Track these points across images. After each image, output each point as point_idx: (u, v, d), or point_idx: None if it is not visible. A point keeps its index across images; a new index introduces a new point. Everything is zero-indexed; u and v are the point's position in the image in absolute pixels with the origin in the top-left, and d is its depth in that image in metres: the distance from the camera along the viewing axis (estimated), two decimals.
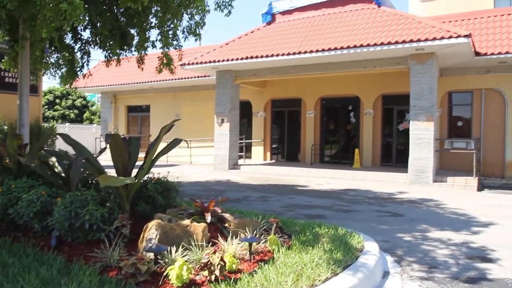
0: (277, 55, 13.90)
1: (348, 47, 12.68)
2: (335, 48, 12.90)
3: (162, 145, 4.85)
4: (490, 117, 14.57)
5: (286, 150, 19.16)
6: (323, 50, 13.11)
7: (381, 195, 10.38)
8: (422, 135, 12.54)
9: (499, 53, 12.96)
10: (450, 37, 11.39)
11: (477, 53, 13.26)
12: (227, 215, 4.73)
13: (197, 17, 7.91)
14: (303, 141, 18.25)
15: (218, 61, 15.18)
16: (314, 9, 16.17)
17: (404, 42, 11.92)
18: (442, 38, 11.48)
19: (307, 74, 15.15)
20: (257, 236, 4.29)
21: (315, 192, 10.92)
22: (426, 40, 11.66)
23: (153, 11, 7.65)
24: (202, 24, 7.97)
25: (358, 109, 17.29)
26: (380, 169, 15.14)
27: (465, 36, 11.27)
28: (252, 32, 16.87)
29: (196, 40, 8.27)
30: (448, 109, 15.46)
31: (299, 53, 13.52)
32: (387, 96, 16.52)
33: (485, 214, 8.08)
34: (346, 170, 14.38)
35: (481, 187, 12.34)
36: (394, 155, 16.43)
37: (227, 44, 16.50)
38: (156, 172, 5.59)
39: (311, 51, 13.32)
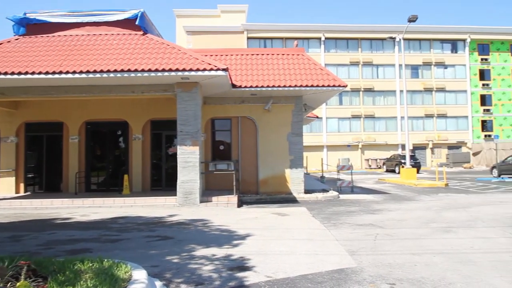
0: (33, 73, 12.30)
1: (115, 71, 12.34)
2: (101, 71, 12.34)
3: None
4: (245, 141, 16.59)
5: (45, 180, 17.02)
6: (87, 71, 12.35)
7: (151, 220, 10.33)
8: (189, 158, 13.22)
9: (251, 86, 15.04)
10: (211, 69, 12.52)
11: (234, 85, 15.01)
12: None
13: None
14: (66, 169, 16.64)
15: None
16: (77, 27, 15.11)
17: (170, 70, 12.41)
18: (205, 69, 12.51)
19: (70, 96, 13.94)
20: (1, 285, 3.55)
21: (79, 224, 9.99)
22: (191, 70, 12.47)
23: None
24: None
25: (126, 134, 16.98)
26: (150, 193, 15.15)
27: (223, 69, 12.60)
28: (0, 43, 14.51)
29: None
30: (212, 134, 16.86)
31: (60, 72, 12.33)
32: (156, 121, 16.84)
33: (243, 227, 9.01)
34: (115, 198, 13.78)
35: (240, 203, 13.80)
36: (164, 179, 16.75)
37: None
38: None
39: (73, 72, 12.34)
